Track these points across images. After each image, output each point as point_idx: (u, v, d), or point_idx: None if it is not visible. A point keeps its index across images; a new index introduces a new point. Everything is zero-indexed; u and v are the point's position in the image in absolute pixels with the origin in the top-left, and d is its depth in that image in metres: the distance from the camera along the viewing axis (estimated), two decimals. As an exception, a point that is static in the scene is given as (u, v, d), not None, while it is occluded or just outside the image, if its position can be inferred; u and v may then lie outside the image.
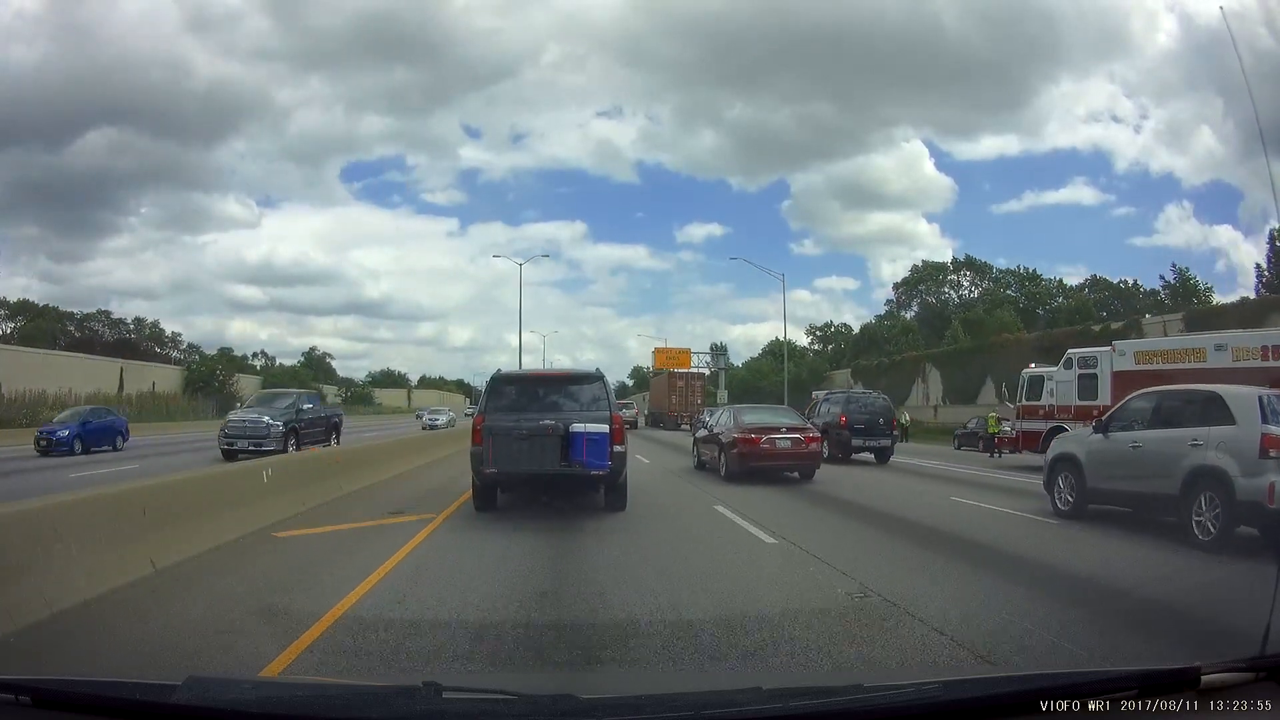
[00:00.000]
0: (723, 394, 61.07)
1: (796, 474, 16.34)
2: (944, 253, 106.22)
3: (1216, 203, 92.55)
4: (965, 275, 73.22)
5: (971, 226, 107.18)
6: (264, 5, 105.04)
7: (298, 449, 19.96)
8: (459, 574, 7.17)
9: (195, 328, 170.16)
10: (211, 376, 67.18)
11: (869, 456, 22.05)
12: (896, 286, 77.66)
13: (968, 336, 56.24)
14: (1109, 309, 58.86)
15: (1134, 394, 10.73)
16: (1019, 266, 71.31)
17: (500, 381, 11.22)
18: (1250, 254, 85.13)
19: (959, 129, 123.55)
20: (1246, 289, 51.01)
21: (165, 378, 64.60)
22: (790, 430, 16.39)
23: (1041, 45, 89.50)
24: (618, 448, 10.30)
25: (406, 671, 4.62)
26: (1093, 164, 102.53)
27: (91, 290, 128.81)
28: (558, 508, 10.94)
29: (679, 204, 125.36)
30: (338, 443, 23.47)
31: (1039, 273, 69.89)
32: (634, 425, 46.72)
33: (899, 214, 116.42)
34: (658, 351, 68.53)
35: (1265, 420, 8.37)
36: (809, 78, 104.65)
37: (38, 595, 5.51)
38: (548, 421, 10.13)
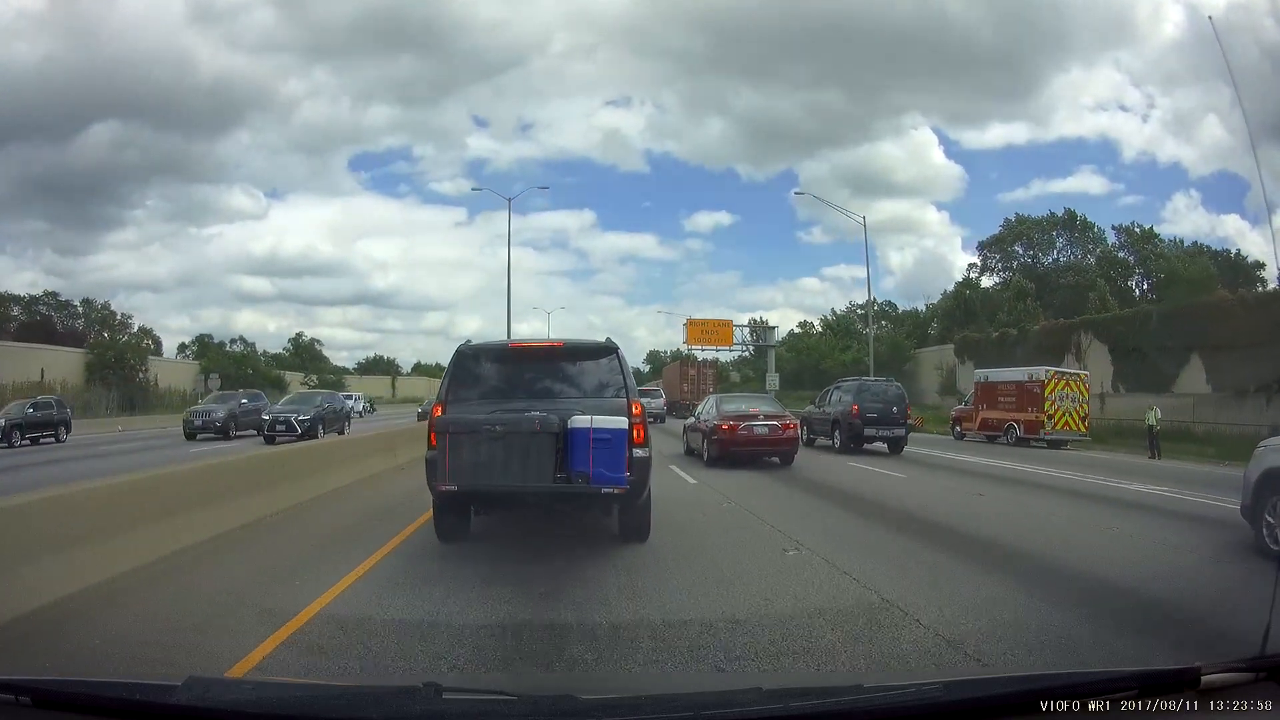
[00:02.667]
0: (772, 378, 50.84)
1: (777, 459, 17.01)
2: (953, 241, 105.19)
3: (1223, 192, 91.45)
4: (1060, 234, 60.42)
5: (980, 214, 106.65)
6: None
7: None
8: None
9: (203, 320, 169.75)
10: (120, 363, 55.35)
11: (881, 447, 21.42)
12: (982, 246, 63.50)
13: (1114, 301, 44.84)
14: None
15: None
16: (1132, 224, 58.80)
17: (469, 357, 8.15)
18: (1257, 243, 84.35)
19: (967, 117, 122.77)
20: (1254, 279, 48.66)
21: (63, 364, 52.72)
22: (768, 418, 17.07)
23: (1050, 33, 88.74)
24: (639, 451, 7.37)
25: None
26: (1100, 153, 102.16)
27: (98, 284, 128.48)
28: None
29: (687, 192, 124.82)
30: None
31: (1155, 230, 57.46)
32: (660, 419, 37.88)
33: (907, 202, 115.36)
34: (690, 324, 56.33)
35: None
36: (818, 65, 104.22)
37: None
38: (536, 414, 7.29)
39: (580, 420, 7.14)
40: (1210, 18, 45.92)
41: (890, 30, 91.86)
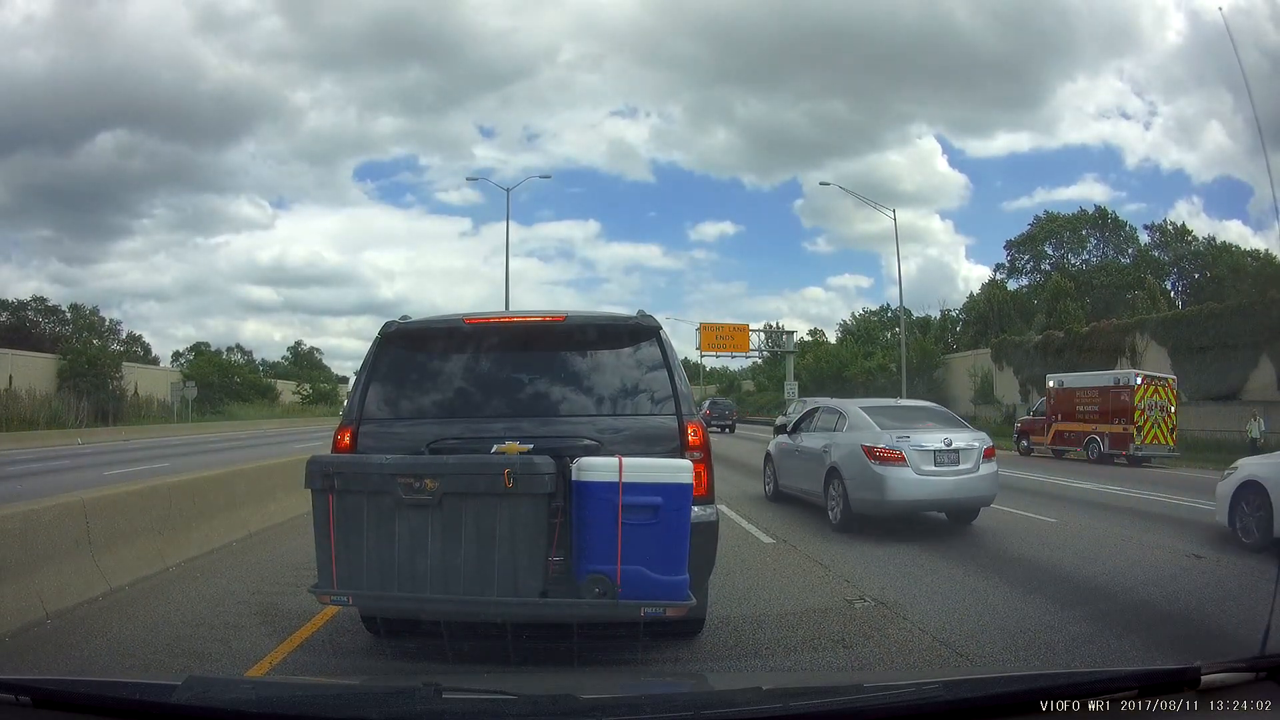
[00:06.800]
0: (791, 386, 50.28)
1: None
2: (957, 250, 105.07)
3: (1226, 198, 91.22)
4: (1090, 233, 58.51)
5: (984, 223, 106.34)
6: (276, 5, 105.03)
7: None
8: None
9: (208, 329, 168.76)
10: (93, 369, 51.29)
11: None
12: (1010, 245, 61.27)
13: (1164, 301, 42.85)
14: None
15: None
16: (1164, 221, 57.36)
17: (399, 344, 5.02)
18: (1260, 249, 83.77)
19: (972, 126, 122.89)
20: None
21: (32, 370, 48.36)
22: None
23: (1055, 42, 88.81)
24: (701, 511, 4.41)
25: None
26: (1103, 160, 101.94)
27: (105, 292, 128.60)
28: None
29: (692, 203, 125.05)
30: None
31: (1189, 228, 55.92)
32: None
33: (912, 211, 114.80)
34: (704, 329, 55.41)
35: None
36: (823, 75, 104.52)
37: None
38: (508, 445, 4.42)
39: (597, 465, 4.09)
40: (1221, 8, 45.46)
41: (896, 40, 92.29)
